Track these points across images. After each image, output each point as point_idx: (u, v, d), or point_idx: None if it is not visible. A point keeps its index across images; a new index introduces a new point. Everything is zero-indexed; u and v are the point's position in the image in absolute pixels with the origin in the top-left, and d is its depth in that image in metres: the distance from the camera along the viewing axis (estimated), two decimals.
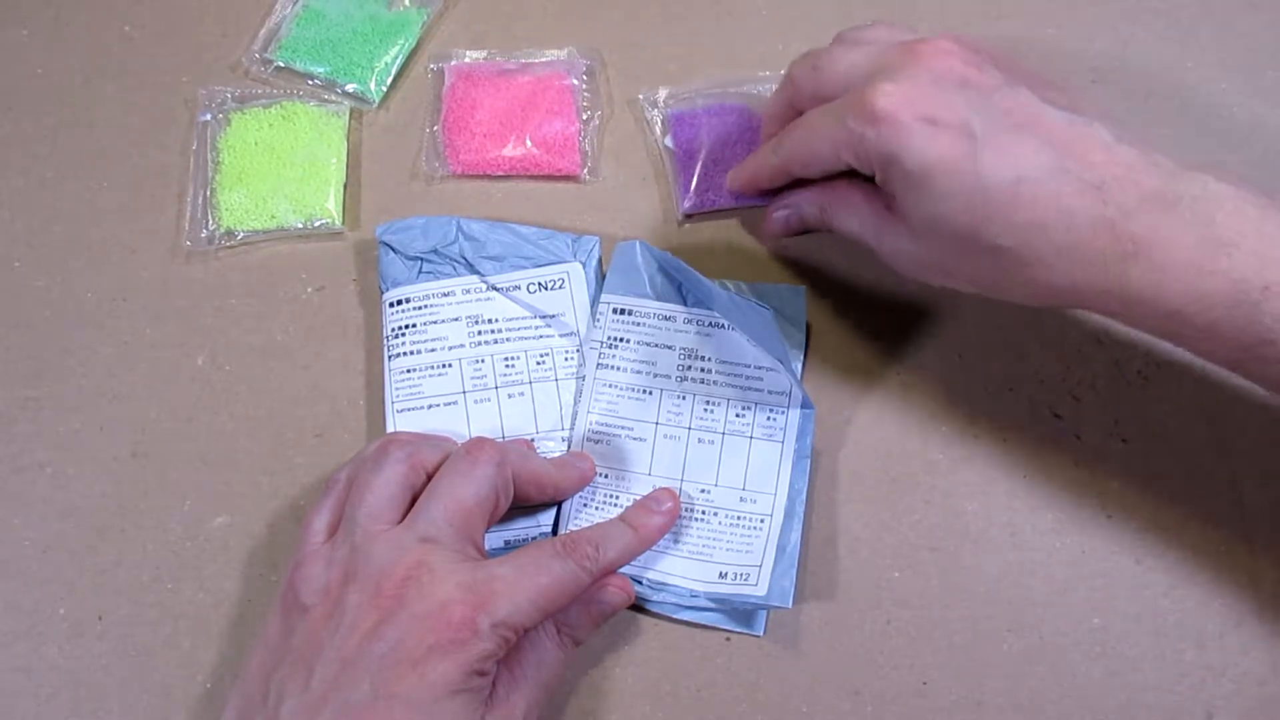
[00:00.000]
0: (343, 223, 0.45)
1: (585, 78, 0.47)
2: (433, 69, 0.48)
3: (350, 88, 0.47)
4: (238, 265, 0.45)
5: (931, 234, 0.34)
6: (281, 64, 0.48)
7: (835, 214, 0.38)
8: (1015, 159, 0.32)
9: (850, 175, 0.37)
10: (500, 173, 0.46)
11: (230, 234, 0.45)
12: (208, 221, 0.45)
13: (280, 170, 0.45)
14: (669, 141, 0.46)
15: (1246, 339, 0.31)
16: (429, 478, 0.36)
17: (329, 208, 0.45)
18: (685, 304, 0.42)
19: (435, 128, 0.47)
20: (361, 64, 0.47)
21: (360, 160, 0.47)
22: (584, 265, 0.43)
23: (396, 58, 0.48)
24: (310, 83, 0.48)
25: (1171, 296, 0.31)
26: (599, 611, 0.36)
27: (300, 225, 0.45)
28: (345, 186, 0.46)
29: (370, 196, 0.46)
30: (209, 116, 0.46)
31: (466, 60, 0.48)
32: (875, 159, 0.34)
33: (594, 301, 0.43)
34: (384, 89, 0.48)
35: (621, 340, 0.42)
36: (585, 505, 0.40)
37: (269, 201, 0.45)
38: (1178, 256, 0.31)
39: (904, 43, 0.35)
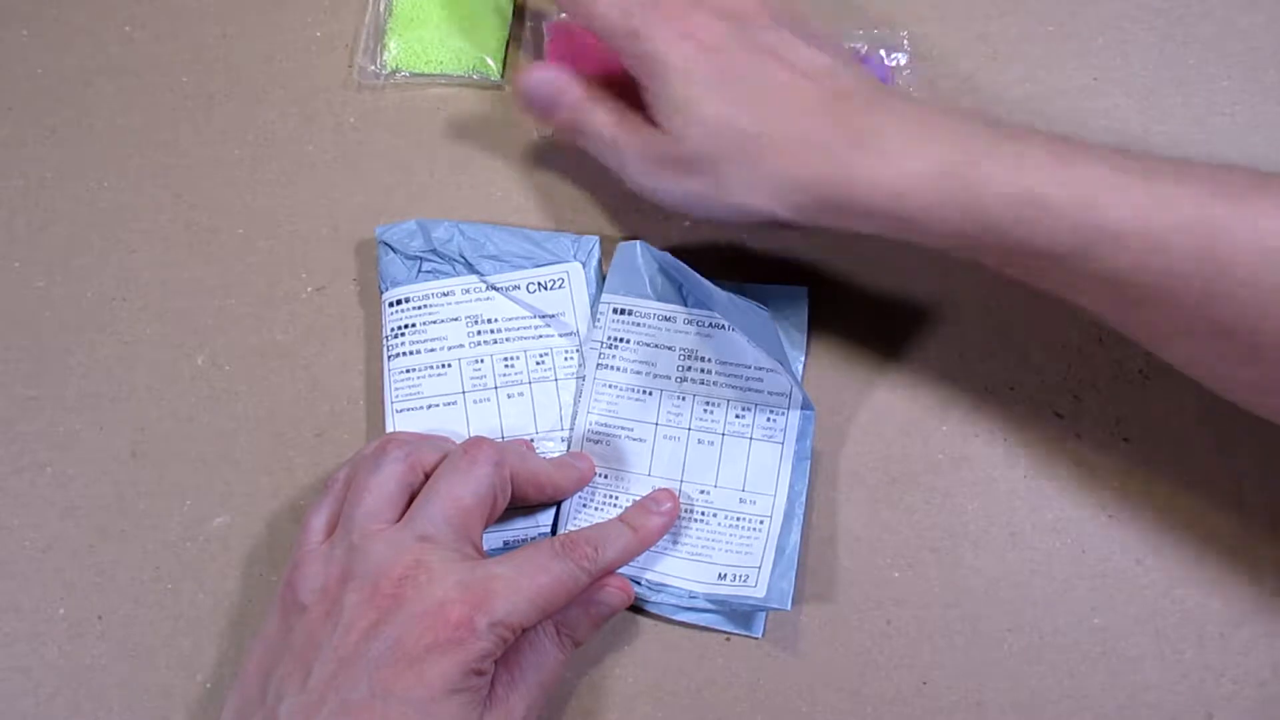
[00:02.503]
0: (502, 75, 0.47)
1: None
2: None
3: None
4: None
5: (685, 123, 0.37)
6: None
7: (590, 110, 0.40)
8: (765, 70, 0.37)
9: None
10: None
11: (395, 73, 0.47)
12: (376, 58, 0.47)
13: (449, 19, 0.47)
14: None
15: (963, 210, 0.35)
16: (427, 477, 0.36)
17: (489, 61, 0.47)
18: (685, 304, 0.42)
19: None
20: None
21: (525, 16, 0.49)
22: (584, 265, 0.43)
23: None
24: None
25: (891, 178, 0.35)
26: (598, 612, 0.36)
27: (462, 75, 0.47)
28: (509, 43, 0.48)
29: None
30: None
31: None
32: (640, 59, 0.38)
33: (594, 302, 0.43)
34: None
35: (621, 340, 0.42)
36: (584, 505, 0.40)
37: (435, 47, 0.47)
38: (892, 144, 0.35)
39: None
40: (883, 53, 0.46)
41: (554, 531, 0.40)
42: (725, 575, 0.39)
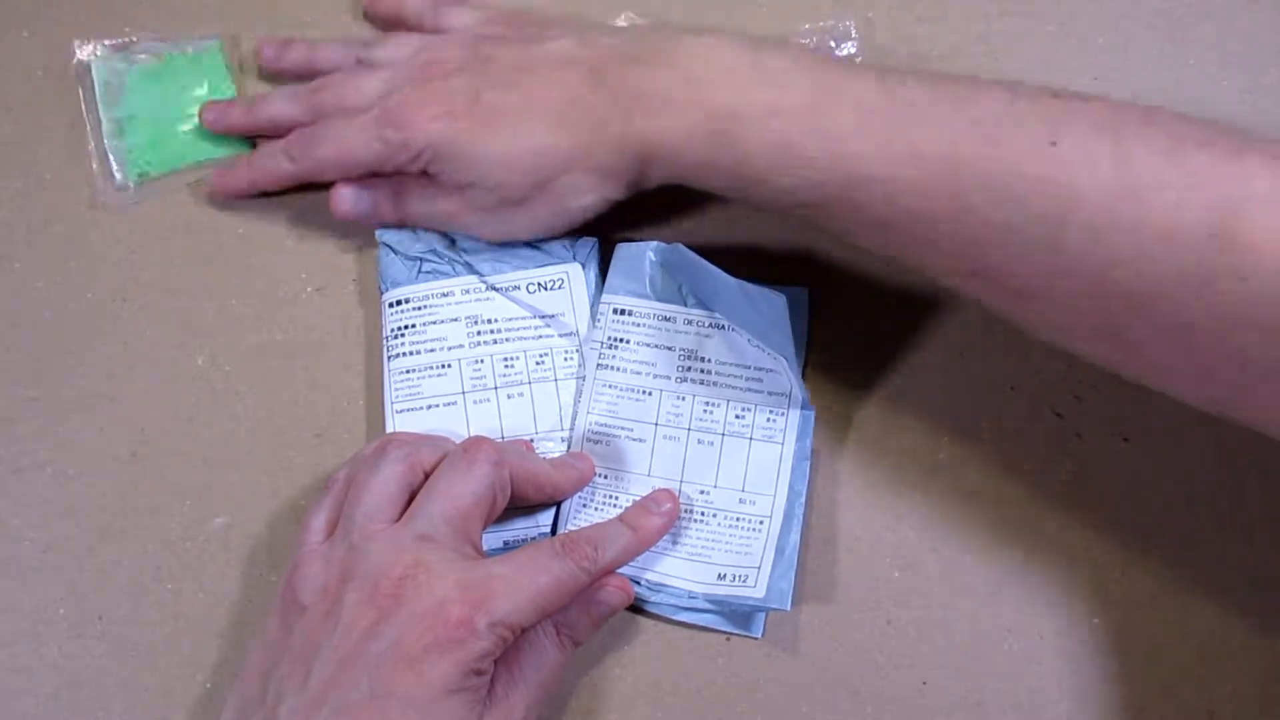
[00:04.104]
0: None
1: None
2: None
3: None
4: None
5: (492, 173, 0.39)
6: (138, 180, 0.46)
7: (410, 200, 0.42)
8: (522, 86, 0.38)
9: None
10: None
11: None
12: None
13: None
14: None
15: (732, 162, 0.35)
16: (427, 477, 0.36)
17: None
18: (685, 304, 0.42)
19: None
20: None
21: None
22: (583, 266, 0.43)
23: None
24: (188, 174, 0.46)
25: (672, 136, 0.36)
26: (598, 612, 0.36)
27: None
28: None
29: None
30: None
31: None
32: (418, 157, 0.39)
33: (594, 302, 0.43)
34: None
35: (621, 341, 0.42)
36: (584, 506, 0.40)
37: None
38: (661, 102, 0.36)
39: (414, 61, 0.41)
40: (833, 43, 0.46)
41: (554, 531, 0.40)
42: (725, 575, 0.39)
